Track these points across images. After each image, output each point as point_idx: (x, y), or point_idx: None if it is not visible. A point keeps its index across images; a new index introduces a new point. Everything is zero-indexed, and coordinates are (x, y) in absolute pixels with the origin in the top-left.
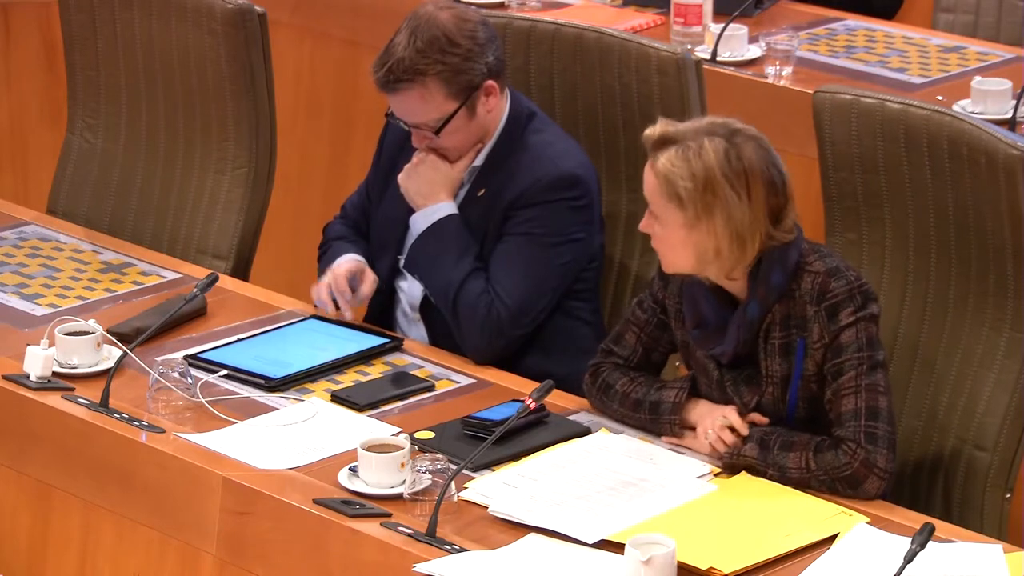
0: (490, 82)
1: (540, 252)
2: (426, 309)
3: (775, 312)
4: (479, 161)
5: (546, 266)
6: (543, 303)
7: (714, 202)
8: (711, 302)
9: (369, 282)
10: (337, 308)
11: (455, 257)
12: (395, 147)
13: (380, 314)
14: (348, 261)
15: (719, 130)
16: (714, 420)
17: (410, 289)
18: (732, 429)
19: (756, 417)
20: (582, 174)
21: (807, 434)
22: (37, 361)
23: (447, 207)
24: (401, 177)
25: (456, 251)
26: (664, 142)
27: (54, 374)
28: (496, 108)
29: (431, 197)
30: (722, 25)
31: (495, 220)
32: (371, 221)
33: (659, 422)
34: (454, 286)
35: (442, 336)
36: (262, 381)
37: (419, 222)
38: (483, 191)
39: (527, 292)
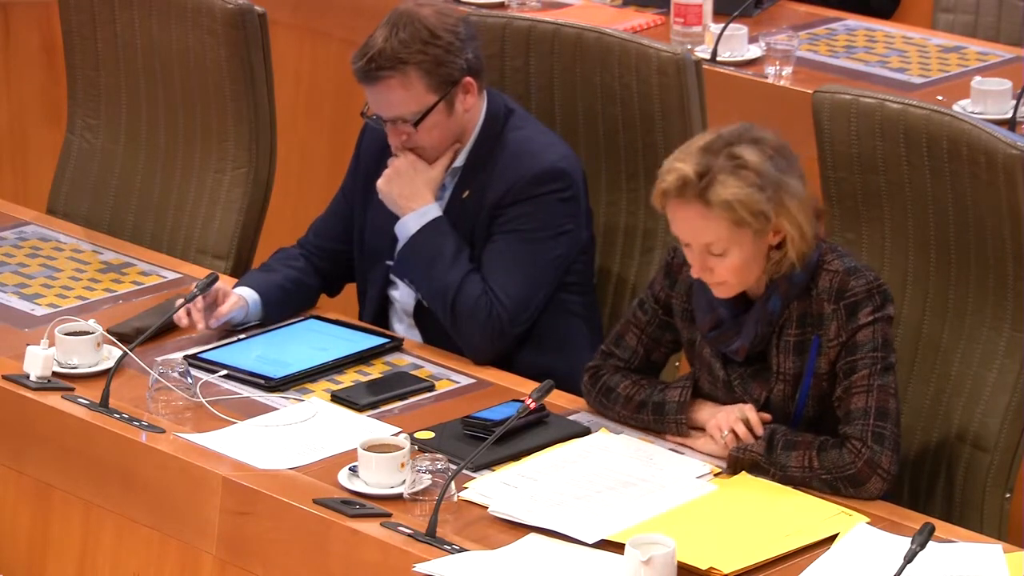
0: (469, 79)
1: (532, 248)
2: (419, 315)
3: (792, 309)
4: (460, 162)
5: (540, 261)
6: (539, 298)
7: (783, 191)
8: (726, 302)
9: (229, 303)
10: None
11: (450, 258)
12: (374, 154)
13: (376, 323)
14: (218, 283)
15: (720, 144)
16: (729, 414)
17: (403, 297)
18: (748, 426)
19: (760, 415)
20: (565, 166)
21: (811, 434)
22: (37, 361)
23: (435, 208)
24: (381, 182)
25: (451, 252)
26: (700, 176)
27: (54, 374)
28: (474, 108)
29: (417, 199)
30: (722, 25)
31: (482, 221)
32: (355, 229)
33: (664, 422)
34: (452, 289)
35: (438, 342)
36: (262, 381)
37: (410, 224)
38: (467, 192)
39: (525, 290)
